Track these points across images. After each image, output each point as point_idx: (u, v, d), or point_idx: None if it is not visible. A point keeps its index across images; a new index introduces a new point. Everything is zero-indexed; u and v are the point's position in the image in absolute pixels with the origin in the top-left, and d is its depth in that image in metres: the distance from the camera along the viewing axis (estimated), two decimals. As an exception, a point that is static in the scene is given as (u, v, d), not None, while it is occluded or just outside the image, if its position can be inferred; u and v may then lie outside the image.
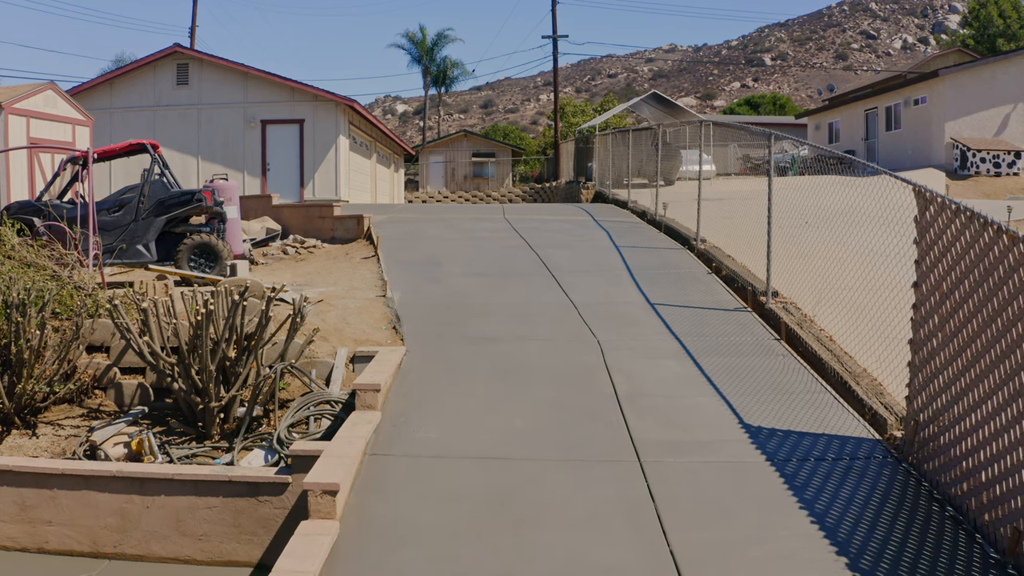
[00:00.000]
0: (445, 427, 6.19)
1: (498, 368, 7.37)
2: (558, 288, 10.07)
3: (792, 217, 9.79)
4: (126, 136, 24.06)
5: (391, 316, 8.88)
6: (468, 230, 14.20)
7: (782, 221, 9.39)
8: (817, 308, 8.79)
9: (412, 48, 59.24)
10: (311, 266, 12.84)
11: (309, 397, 6.95)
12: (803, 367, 7.63)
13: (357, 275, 11.16)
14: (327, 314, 8.85)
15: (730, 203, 14.53)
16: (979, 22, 57.99)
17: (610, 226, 14.67)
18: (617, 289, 10.10)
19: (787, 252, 9.39)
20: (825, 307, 8.51)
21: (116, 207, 10.89)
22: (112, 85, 23.62)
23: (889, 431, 6.34)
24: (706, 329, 8.51)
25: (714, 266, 10.91)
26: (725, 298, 9.72)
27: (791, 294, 9.17)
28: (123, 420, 7.31)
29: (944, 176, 23.72)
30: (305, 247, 14.57)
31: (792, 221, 9.81)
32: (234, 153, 23.15)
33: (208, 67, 23.48)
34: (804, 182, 17.54)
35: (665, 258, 11.78)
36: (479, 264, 11.43)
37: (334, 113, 22.97)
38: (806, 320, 8.52)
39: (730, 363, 7.60)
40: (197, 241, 10.82)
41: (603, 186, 23.36)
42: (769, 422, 6.38)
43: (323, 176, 23.00)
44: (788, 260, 9.29)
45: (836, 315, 8.41)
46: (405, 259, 11.73)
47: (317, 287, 10.31)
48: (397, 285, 10.15)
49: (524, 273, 10.87)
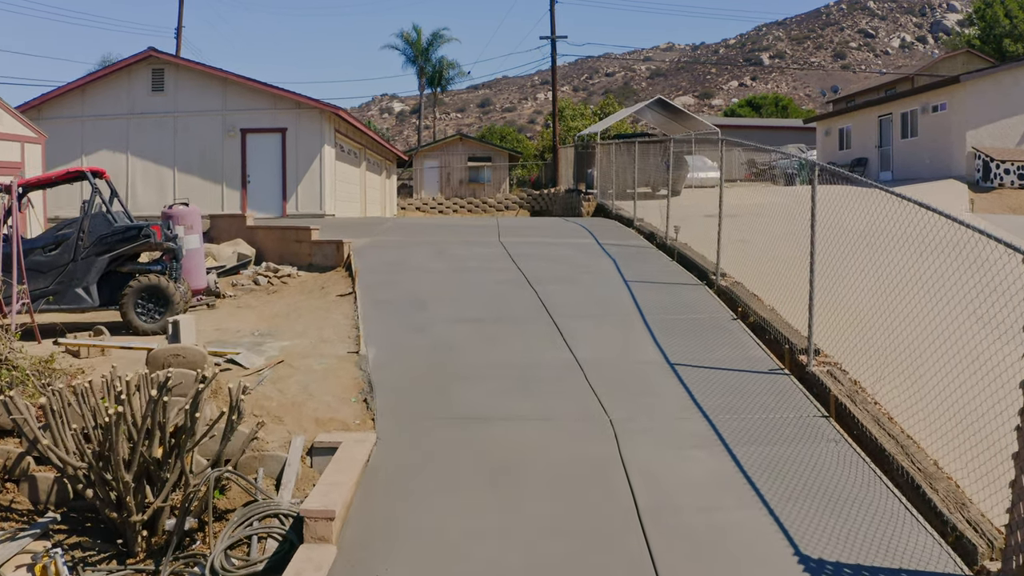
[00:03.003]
0: (418, 566, 4.79)
1: (487, 465, 5.97)
2: (560, 339, 8.68)
3: (821, 244, 8.39)
4: (99, 146, 22.67)
5: (363, 383, 7.47)
6: (458, 258, 12.80)
7: (801, 243, 8.02)
8: (859, 365, 7.42)
9: (407, 49, 57.79)
10: (282, 303, 11.43)
11: (252, 509, 5.56)
12: (861, 458, 6.25)
13: (329, 320, 9.76)
14: (287, 382, 7.44)
15: (744, 220, 13.15)
16: (984, 22, 56.76)
17: (616, 252, 13.28)
18: (629, 340, 8.71)
19: (821, 296, 8.02)
20: (866, 365, 7.14)
21: (52, 245, 9.48)
22: (84, 92, 22.17)
23: (980, 561, 4.98)
24: (738, 402, 7.12)
25: (740, 310, 9.52)
26: (756, 355, 8.32)
27: (831, 347, 7.81)
28: (29, 534, 5.90)
29: (966, 188, 22.35)
30: (279, 276, 13.16)
31: (821, 249, 8.41)
32: (212, 164, 21.72)
33: (185, 72, 22.06)
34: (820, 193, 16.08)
35: (681, 297, 10.39)
36: (469, 305, 10.03)
37: (318, 121, 21.54)
38: (857, 390, 7.14)
39: (772, 454, 6.22)
40: (145, 283, 9.40)
41: (605, 197, 21.98)
42: (832, 550, 5.00)
43: (307, 188, 21.58)
44: (825, 309, 7.92)
45: (892, 382, 7.05)
46: (385, 298, 10.32)
47: (280, 339, 8.90)
48: (373, 337, 8.75)
49: (520, 318, 9.48)
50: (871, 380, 7.19)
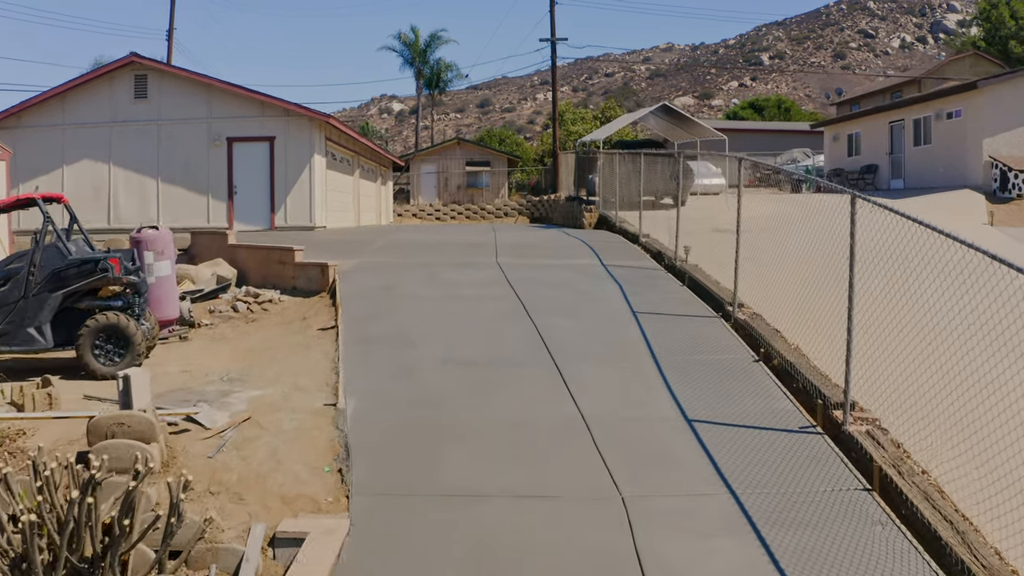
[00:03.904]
0: None
1: (477, 566, 5.06)
2: (562, 387, 7.77)
3: (836, 266, 7.46)
4: (80, 155, 21.70)
5: (339, 446, 6.56)
6: (451, 283, 11.88)
7: (816, 266, 7.12)
8: (900, 421, 6.53)
9: (404, 50, 56.80)
10: (259, 335, 10.53)
11: (196, 624, 4.65)
12: (912, 546, 5.35)
13: (308, 361, 8.85)
14: (253, 445, 6.54)
15: (753, 236, 12.19)
16: (990, 23, 55.95)
17: (622, 276, 12.37)
18: (640, 389, 7.81)
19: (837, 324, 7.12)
20: (905, 415, 6.25)
21: (1, 280, 8.57)
22: (64, 99, 21.25)
23: None
24: (768, 471, 6.21)
25: (762, 351, 8.60)
26: (784, 407, 7.41)
27: (864, 395, 6.92)
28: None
29: (983, 199, 21.46)
30: (259, 302, 12.25)
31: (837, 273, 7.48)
32: (197, 174, 20.80)
33: (169, 79, 21.15)
34: (828, 203, 15.12)
35: (695, 333, 9.48)
36: (462, 343, 9.12)
37: (308, 129, 20.63)
38: (903, 457, 6.24)
39: (811, 541, 5.31)
40: (103, 322, 8.48)
41: (607, 207, 21.08)
42: None
43: (296, 199, 20.67)
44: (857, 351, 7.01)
45: (939, 440, 6.16)
46: (370, 334, 9.41)
47: (251, 386, 7.99)
48: (354, 384, 7.84)
49: (518, 360, 8.57)
50: (907, 431, 6.29)
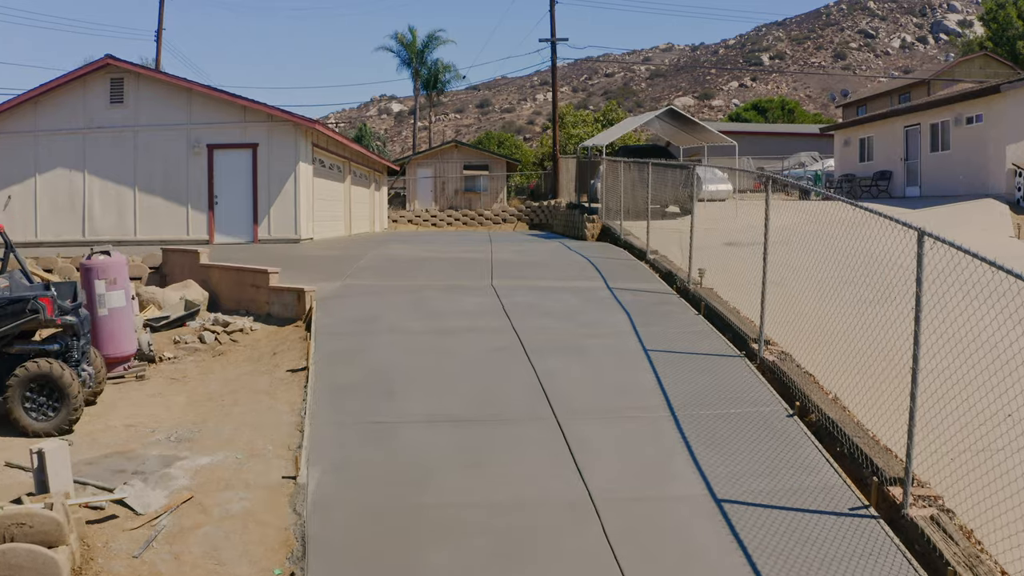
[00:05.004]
0: None
1: None
2: (567, 455, 6.58)
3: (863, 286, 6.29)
4: (53, 164, 20.42)
5: (294, 541, 5.37)
6: (441, 313, 10.67)
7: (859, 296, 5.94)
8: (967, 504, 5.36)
9: (401, 51, 55.61)
10: (222, 374, 9.34)
11: None
12: None
13: (271, 414, 7.66)
14: (190, 538, 5.34)
15: (774, 250, 11.01)
16: (997, 24, 54.83)
17: (631, 303, 11.19)
18: (658, 456, 6.61)
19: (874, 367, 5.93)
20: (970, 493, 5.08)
21: (-86, 321, 7.38)
22: (36, 104, 20.03)
23: None
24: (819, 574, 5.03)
25: (797, 404, 7.41)
26: (828, 481, 6.22)
27: (919, 466, 5.76)
28: None
29: (1008, 210, 20.27)
30: (229, 332, 11.06)
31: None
32: (176, 183, 19.60)
33: (146, 82, 19.94)
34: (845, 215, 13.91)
35: (718, 378, 8.28)
36: (449, 393, 7.91)
37: (293, 136, 19.43)
38: (978, 554, 5.06)
39: None
40: (33, 371, 7.27)
41: (610, 216, 19.92)
42: None
43: (280, 209, 19.47)
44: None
45: None
46: (344, 381, 8.20)
47: (200, 449, 6.79)
48: (320, 448, 6.64)
49: (514, 416, 7.37)
50: (978, 512, 5.11)
